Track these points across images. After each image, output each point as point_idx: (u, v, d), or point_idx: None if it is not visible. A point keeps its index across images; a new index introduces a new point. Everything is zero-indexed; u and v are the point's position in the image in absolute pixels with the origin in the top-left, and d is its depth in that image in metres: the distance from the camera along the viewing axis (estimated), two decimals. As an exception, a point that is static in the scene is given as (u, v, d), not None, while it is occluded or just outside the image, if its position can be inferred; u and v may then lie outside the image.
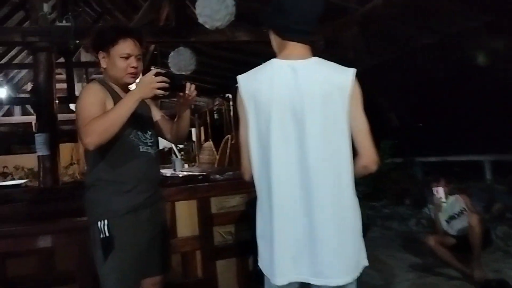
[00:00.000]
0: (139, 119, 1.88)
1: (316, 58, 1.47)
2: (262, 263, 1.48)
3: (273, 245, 1.39)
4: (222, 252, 3.01)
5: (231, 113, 10.00)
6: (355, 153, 1.44)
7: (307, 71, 1.42)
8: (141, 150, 1.91)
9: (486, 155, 6.94)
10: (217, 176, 3.12)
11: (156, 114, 2.12)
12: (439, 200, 3.70)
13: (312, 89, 1.39)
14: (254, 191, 3.09)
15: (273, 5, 1.50)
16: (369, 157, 1.44)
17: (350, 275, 1.40)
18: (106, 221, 1.81)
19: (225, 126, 10.49)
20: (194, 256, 2.96)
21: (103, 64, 1.93)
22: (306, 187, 1.38)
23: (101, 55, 1.92)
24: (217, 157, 9.77)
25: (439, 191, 3.70)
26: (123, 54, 1.88)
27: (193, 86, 1.90)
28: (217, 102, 11.17)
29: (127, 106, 1.74)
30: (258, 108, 1.43)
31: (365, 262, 1.46)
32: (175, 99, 2.02)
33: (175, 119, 2.06)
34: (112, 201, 1.84)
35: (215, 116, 11.62)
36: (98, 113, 1.76)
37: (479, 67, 5.03)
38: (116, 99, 1.87)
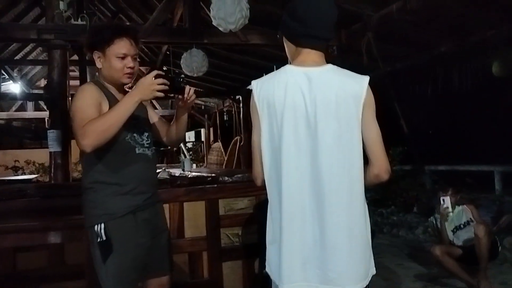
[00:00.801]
0: (135, 121, 1.85)
1: (330, 66, 1.47)
2: (270, 268, 1.49)
3: (282, 251, 1.40)
4: (228, 254, 3.02)
5: (241, 115, 10.04)
6: (366, 161, 1.44)
7: (322, 78, 1.42)
8: (137, 152, 1.88)
9: (496, 166, 6.88)
10: (226, 178, 3.13)
11: (153, 116, 2.10)
12: (446, 210, 3.68)
13: (326, 97, 1.39)
14: (263, 194, 3.11)
15: (287, 11, 1.50)
16: (381, 166, 1.44)
17: (360, 283, 1.40)
18: (103, 225, 1.78)
19: (234, 128, 10.53)
20: (201, 257, 2.97)
21: (99, 64, 1.89)
22: (318, 194, 1.39)
23: (96, 55, 1.88)
24: (226, 158, 9.81)
25: (446, 201, 3.68)
26: (119, 54, 1.84)
27: (192, 90, 1.86)
28: (227, 104, 11.22)
29: (126, 107, 1.72)
30: (271, 114, 1.43)
31: (374, 271, 1.46)
32: (174, 99, 2.02)
33: (172, 122, 2.03)
34: (109, 203, 1.81)
35: (225, 117, 11.67)
36: (94, 114, 1.73)
37: (495, 77, 4.99)
38: (112, 100, 1.85)
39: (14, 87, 9.73)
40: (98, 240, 1.79)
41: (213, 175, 3.23)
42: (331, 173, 1.38)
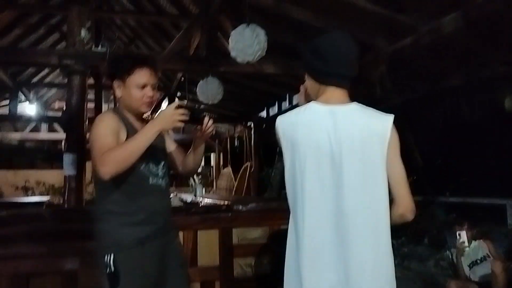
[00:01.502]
0: (153, 150, 1.83)
1: (355, 104, 1.49)
2: None
3: None
4: (241, 284, 2.99)
5: (252, 141, 10.08)
6: (390, 200, 1.44)
7: (347, 117, 1.44)
8: (150, 182, 1.88)
9: (508, 199, 6.80)
10: (241, 206, 3.14)
11: (170, 145, 2.10)
12: (462, 245, 3.64)
13: (351, 136, 1.41)
14: (277, 224, 3.11)
15: (310, 49, 1.52)
16: (407, 206, 1.44)
17: None
18: (112, 255, 1.77)
19: (245, 154, 10.56)
20: (213, 286, 2.95)
21: (118, 93, 1.90)
22: (342, 233, 1.38)
23: (116, 83, 1.89)
24: (235, 183, 9.81)
25: (462, 235, 3.64)
26: (139, 84, 1.86)
27: (211, 121, 1.88)
28: (238, 129, 11.28)
29: (147, 137, 1.73)
30: (294, 151, 1.44)
31: None
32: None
33: (189, 151, 2.04)
34: (119, 233, 1.81)
35: (236, 143, 11.71)
36: (113, 143, 1.75)
37: (507, 112, 5.00)
38: (130, 129, 1.87)
39: (30, 109, 9.90)
40: (107, 271, 1.78)
41: (227, 203, 3.24)
42: (356, 212, 1.38)
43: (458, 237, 3.66)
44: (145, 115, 2.01)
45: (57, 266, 2.58)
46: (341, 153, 1.40)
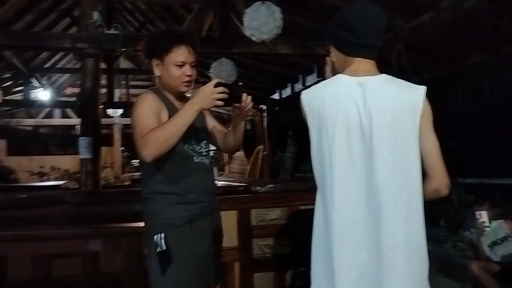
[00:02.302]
0: (194, 129, 1.83)
1: (385, 75, 1.43)
2: (317, 281, 1.43)
3: (336, 267, 1.35)
4: (260, 264, 3.00)
5: (264, 124, 10.03)
6: (423, 175, 1.39)
7: (376, 89, 1.38)
8: (195, 161, 1.87)
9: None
10: (259, 187, 3.12)
11: (210, 123, 2.07)
12: (482, 224, 3.59)
13: (382, 108, 1.35)
14: (295, 205, 3.10)
15: (334, 21, 1.48)
16: (441, 181, 1.39)
17: None
18: (163, 234, 1.78)
19: (257, 137, 10.52)
20: (233, 267, 2.96)
21: (157, 72, 1.88)
22: (374, 210, 1.34)
23: (154, 62, 1.87)
24: (248, 167, 9.80)
25: (483, 215, 3.59)
26: (177, 62, 1.83)
27: (249, 98, 1.83)
28: (250, 113, 11.21)
29: (187, 117, 1.70)
30: (321, 125, 1.39)
31: None
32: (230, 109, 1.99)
33: (229, 129, 2.01)
34: (168, 213, 1.81)
35: (248, 126, 11.67)
36: (154, 124, 1.72)
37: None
38: (171, 109, 1.84)
39: (43, 95, 9.94)
40: (158, 250, 1.78)
41: (245, 184, 3.22)
42: (388, 188, 1.33)
43: (478, 217, 3.61)
44: (185, 94, 1.97)
45: (79, 247, 2.59)
46: (371, 126, 1.35)
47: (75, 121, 10.85)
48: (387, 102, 1.36)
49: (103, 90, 7.92)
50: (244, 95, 1.81)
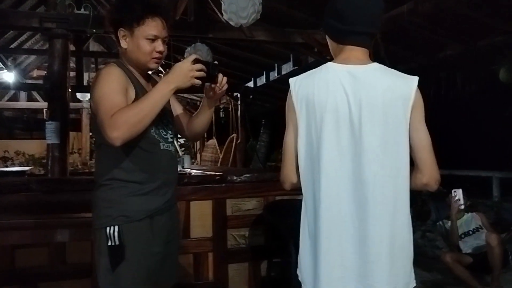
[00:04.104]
0: (161, 112, 1.60)
1: (376, 64, 1.38)
2: (302, 276, 1.39)
3: (320, 261, 1.31)
4: (234, 255, 2.94)
5: (238, 112, 9.93)
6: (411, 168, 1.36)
7: (367, 78, 1.33)
8: (161, 147, 1.68)
9: (495, 172, 6.88)
10: (235, 177, 3.04)
11: (176, 107, 1.89)
12: (458, 203, 3.57)
13: (372, 98, 1.30)
14: (271, 195, 3.04)
15: (328, 8, 1.43)
16: (432, 175, 1.35)
17: None
18: (117, 227, 1.58)
19: (230, 125, 10.42)
20: (206, 258, 2.89)
21: (123, 44, 1.65)
22: (360, 203, 1.30)
23: (121, 33, 1.64)
24: (221, 155, 9.71)
25: (458, 193, 3.57)
26: (149, 35, 1.62)
27: (225, 79, 1.67)
28: (223, 100, 11.09)
29: (162, 96, 1.52)
30: (309, 115, 1.34)
31: (414, 283, 1.38)
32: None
33: (196, 113, 1.84)
34: (126, 204, 1.61)
35: (221, 114, 11.53)
36: (122, 102, 1.52)
37: (498, 83, 4.96)
38: (138, 86, 1.65)
39: (8, 76, 9.51)
40: (109, 244, 1.58)
41: (221, 173, 3.14)
42: (376, 181, 1.29)
43: (453, 194, 3.60)
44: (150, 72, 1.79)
45: (45, 238, 2.46)
46: (361, 117, 1.30)
47: (41, 104, 10.45)
48: (378, 91, 1.31)
49: (72, 73, 7.65)
50: (220, 76, 1.67)
